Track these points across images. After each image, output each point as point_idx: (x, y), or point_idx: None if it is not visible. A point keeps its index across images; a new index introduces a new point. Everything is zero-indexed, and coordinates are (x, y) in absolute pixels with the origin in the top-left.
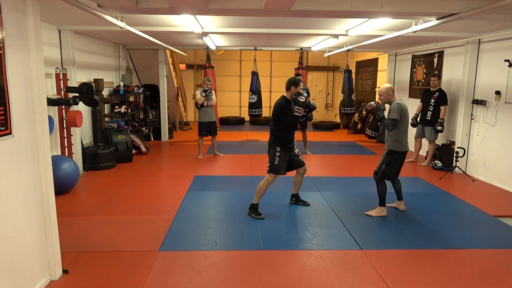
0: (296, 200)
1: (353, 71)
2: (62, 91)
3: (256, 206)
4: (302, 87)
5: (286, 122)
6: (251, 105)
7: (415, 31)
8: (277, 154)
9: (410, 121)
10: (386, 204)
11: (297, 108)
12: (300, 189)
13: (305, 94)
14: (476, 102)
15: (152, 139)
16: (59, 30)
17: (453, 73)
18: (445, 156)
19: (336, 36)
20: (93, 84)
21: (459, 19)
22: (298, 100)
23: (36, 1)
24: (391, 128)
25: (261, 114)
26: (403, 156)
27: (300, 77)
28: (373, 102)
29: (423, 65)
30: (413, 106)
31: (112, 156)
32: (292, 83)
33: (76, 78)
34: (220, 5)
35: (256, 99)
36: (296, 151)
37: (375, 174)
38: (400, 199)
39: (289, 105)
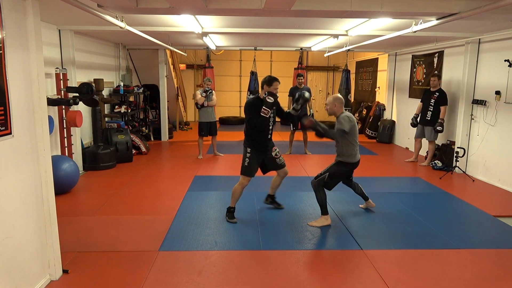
0: (271, 201)
1: (353, 71)
2: (62, 91)
3: (232, 209)
4: (277, 86)
5: (250, 122)
6: None
7: (415, 31)
8: (248, 155)
9: (410, 121)
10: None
11: (263, 109)
12: (299, 189)
13: (276, 95)
14: (476, 102)
15: (152, 139)
16: (59, 30)
17: (453, 73)
18: (445, 156)
19: (336, 36)
20: (93, 84)
21: (459, 19)
22: (265, 101)
23: (36, 1)
24: (336, 137)
25: None
26: (352, 167)
27: (302, 77)
28: (311, 118)
29: (423, 65)
30: (413, 106)
31: (112, 156)
32: (265, 82)
33: (76, 78)
34: (220, 5)
35: None
36: (274, 154)
37: (314, 178)
38: (366, 199)
39: (259, 104)
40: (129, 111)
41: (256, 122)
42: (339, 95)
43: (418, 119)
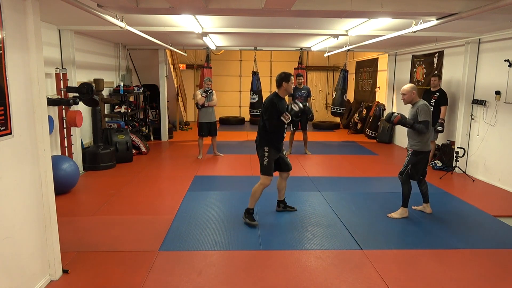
0: (284, 206)
1: (353, 71)
2: (62, 91)
3: (252, 211)
4: (293, 80)
5: (267, 121)
6: (252, 105)
7: (415, 31)
8: (266, 154)
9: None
10: (412, 207)
11: (286, 114)
12: (299, 189)
13: (300, 105)
14: (476, 102)
15: (152, 139)
16: (59, 30)
17: (453, 73)
18: (445, 156)
19: (336, 36)
20: (93, 84)
21: (459, 19)
22: (291, 107)
23: (36, 1)
24: (426, 130)
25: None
26: (428, 155)
27: (301, 77)
28: (396, 113)
29: (423, 65)
30: None
31: (112, 156)
32: (283, 79)
33: (76, 78)
34: (220, 5)
35: (257, 99)
36: (284, 153)
37: (400, 174)
38: (426, 201)
39: (281, 103)
40: (129, 111)
41: (273, 124)
42: (412, 84)
43: None
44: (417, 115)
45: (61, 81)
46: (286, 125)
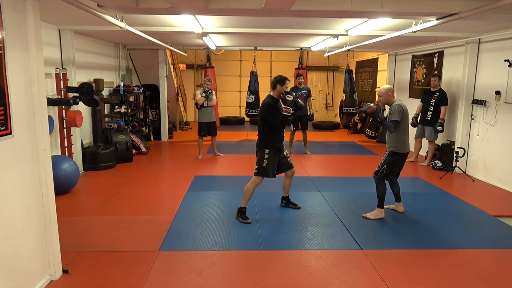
0: (286, 202)
1: (353, 71)
2: (62, 91)
3: (244, 209)
4: (288, 85)
5: (273, 123)
6: (249, 105)
7: (415, 31)
8: (266, 156)
9: (410, 121)
10: (384, 206)
11: (285, 108)
12: (299, 189)
13: (293, 93)
14: (476, 102)
15: (152, 139)
16: (59, 30)
17: (453, 73)
18: (445, 156)
19: (336, 36)
20: (93, 84)
21: (459, 19)
22: (286, 99)
23: (36, 1)
24: (393, 130)
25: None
26: (404, 157)
27: (301, 77)
28: (372, 104)
29: (423, 65)
30: (413, 106)
31: (112, 156)
32: (277, 82)
33: (76, 78)
34: (220, 5)
35: (254, 99)
36: (285, 153)
37: (375, 174)
38: (398, 200)
39: (277, 104)
40: (129, 111)
41: (281, 122)
42: (389, 85)
43: (418, 119)
44: (390, 115)
45: (61, 81)
46: (290, 118)
